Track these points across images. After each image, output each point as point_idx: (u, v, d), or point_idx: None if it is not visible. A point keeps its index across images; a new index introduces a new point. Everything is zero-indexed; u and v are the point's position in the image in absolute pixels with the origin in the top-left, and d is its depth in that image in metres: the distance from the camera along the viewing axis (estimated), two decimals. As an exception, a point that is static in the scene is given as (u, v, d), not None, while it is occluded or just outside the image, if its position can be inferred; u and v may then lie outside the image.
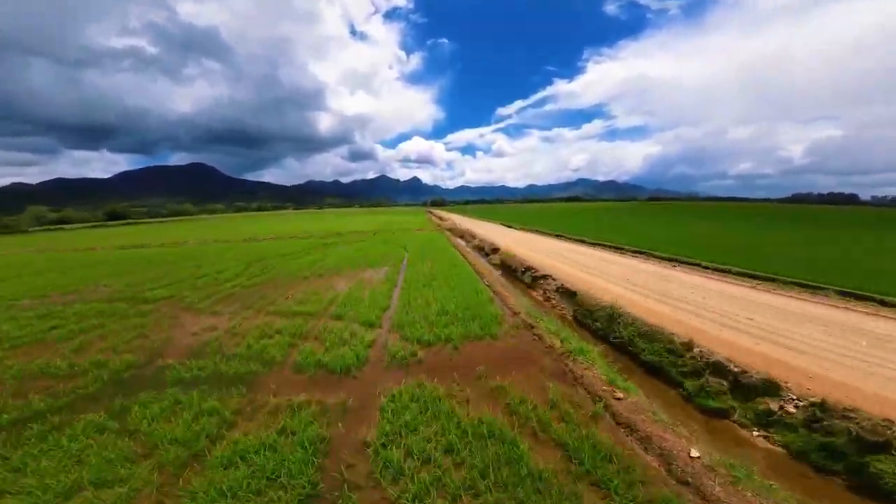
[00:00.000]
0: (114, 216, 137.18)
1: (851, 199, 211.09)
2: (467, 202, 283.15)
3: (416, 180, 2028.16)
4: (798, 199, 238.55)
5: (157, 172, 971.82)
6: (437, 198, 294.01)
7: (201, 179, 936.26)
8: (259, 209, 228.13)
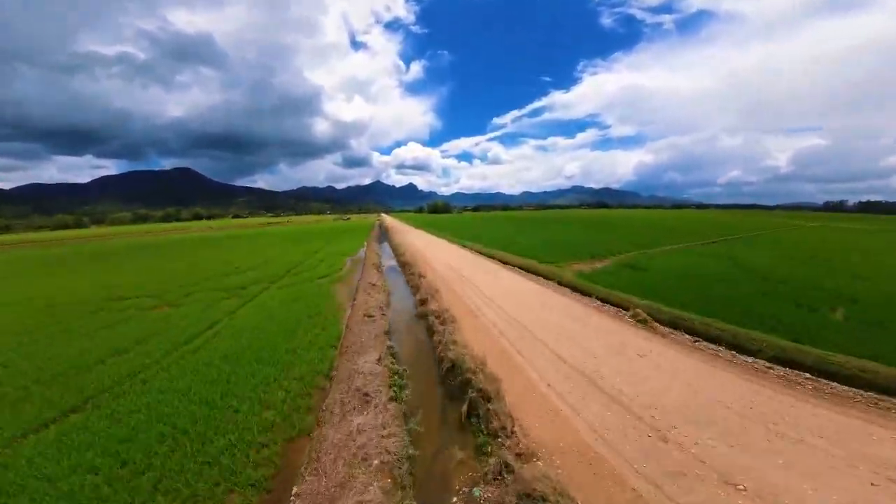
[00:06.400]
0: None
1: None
2: (477, 208, 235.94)
3: (411, 186, 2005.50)
4: (831, 208, 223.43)
5: (139, 177, 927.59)
6: (437, 202, 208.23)
7: (184, 185, 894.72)
8: (196, 217, 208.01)
